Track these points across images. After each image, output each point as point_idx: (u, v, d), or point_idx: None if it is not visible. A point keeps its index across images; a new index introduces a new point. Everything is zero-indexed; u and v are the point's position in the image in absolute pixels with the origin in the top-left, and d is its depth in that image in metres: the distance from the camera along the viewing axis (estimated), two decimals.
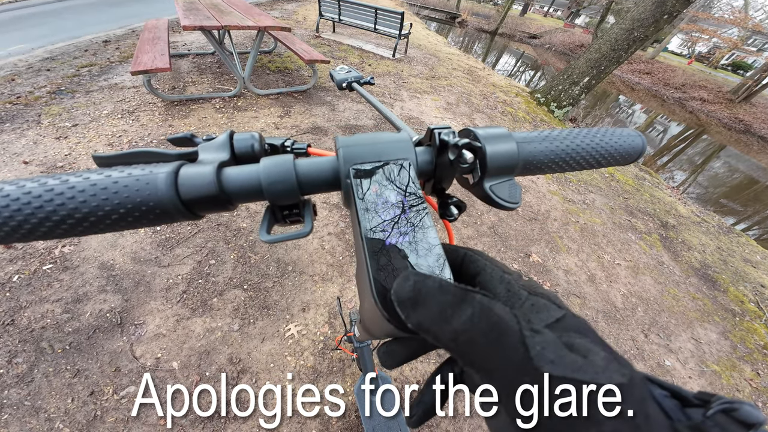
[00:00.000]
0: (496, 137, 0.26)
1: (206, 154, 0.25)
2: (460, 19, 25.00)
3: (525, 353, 0.12)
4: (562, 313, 0.15)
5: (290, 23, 6.37)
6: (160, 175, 0.20)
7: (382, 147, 0.24)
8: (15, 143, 2.21)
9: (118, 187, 0.19)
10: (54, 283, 1.53)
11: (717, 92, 15.93)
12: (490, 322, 0.13)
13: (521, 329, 0.13)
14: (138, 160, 0.27)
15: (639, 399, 0.12)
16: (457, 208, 0.27)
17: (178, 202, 0.20)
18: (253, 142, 0.27)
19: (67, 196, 0.19)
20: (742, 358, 2.11)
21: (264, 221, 0.24)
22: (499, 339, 0.13)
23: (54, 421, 1.17)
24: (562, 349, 0.13)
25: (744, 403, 0.12)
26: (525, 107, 5.13)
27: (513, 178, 0.26)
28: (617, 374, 0.12)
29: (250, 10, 3.41)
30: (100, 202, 0.19)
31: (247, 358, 1.44)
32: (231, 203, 0.23)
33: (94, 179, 0.19)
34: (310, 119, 3.20)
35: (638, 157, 0.32)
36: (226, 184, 0.22)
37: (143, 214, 0.20)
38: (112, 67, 3.44)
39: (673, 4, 4.09)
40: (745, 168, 9.92)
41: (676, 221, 3.41)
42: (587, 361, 0.13)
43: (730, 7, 25.19)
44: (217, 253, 1.81)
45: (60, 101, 2.71)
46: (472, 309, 0.14)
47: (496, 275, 0.19)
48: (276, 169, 0.23)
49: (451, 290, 0.15)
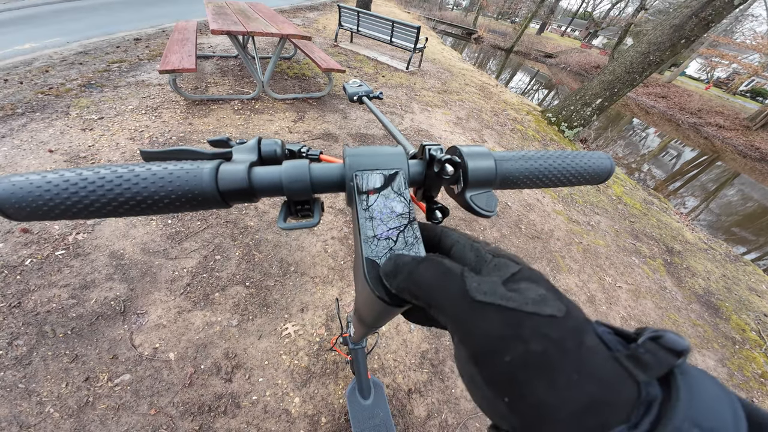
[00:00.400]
0: (478, 155, 0.30)
1: (239, 154, 0.31)
2: (476, 36, 25.35)
3: (462, 286, 0.16)
4: (518, 267, 0.18)
5: (310, 31, 6.58)
6: (205, 170, 0.25)
7: (381, 158, 0.29)
8: (43, 132, 2.33)
9: (173, 177, 0.24)
10: (64, 269, 1.58)
11: (734, 119, 15.73)
12: (440, 270, 0.18)
13: (462, 273, 0.17)
14: (180, 156, 0.32)
15: (573, 329, 0.14)
16: (441, 212, 0.32)
17: (216, 192, 0.25)
18: (276, 147, 0.33)
19: (132, 182, 0.23)
20: (739, 386, 2.07)
21: (281, 213, 0.29)
22: (445, 279, 0.17)
23: (45, 405, 1.18)
24: (497, 286, 0.16)
25: (667, 331, 0.13)
26: (535, 126, 5.16)
27: (491, 191, 0.31)
28: (551, 308, 0.14)
29: (274, 17, 3.56)
30: (157, 189, 0.24)
31: (243, 354, 1.47)
32: (256, 196, 0.28)
33: (154, 170, 0.24)
34: (322, 125, 3.28)
35: (607, 178, 0.36)
36: (255, 180, 0.27)
37: (189, 200, 0.25)
38: (141, 64, 3.60)
39: (692, 28, 4.08)
40: (759, 196, 9.69)
41: (682, 247, 3.36)
42: (518, 294, 0.15)
43: (753, 32, 24.96)
44: (223, 249, 1.86)
45: (89, 94, 2.85)
46: (427, 262, 0.19)
47: (467, 245, 0.22)
48: (294, 171, 0.27)
49: (419, 259, 0.20)
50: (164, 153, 0.31)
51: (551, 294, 0.16)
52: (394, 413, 1.42)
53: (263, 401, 1.36)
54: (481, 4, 31.31)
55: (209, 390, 1.34)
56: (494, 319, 0.14)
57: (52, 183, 0.22)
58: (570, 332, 0.14)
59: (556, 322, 0.14)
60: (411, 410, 1.45)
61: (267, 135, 2.90)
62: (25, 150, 2.14)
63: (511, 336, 0.14)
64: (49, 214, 0.23)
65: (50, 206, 0.22)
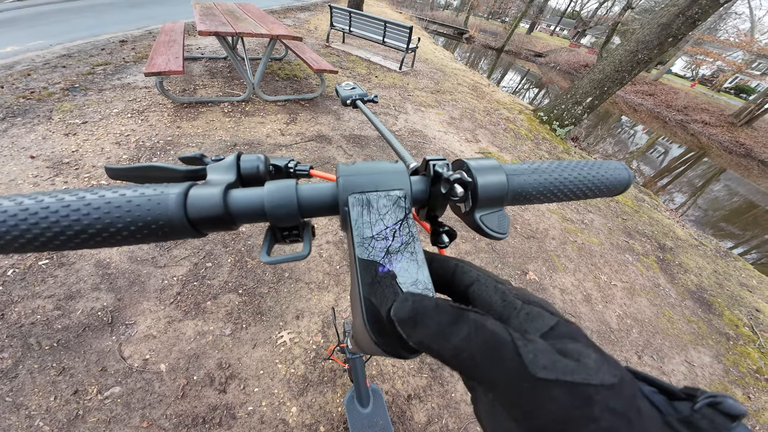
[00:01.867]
0: (487, 169, 0.27)
1: (214, 174, 0.27)
2: (467, 35, 25.52)
3: (520, 362, 0.13)
4: (555, 320, 0.16)
5: (302, 32, 6.52)
6: (171, 196, 0.22)
7: (380, 177, 0.25)
8: (24, 137, 2.25)
9: (131, 205, 0.21)
10: (48, 279, 1.53)
11: (719, 115, 16.11)
12: (486, 336, 0.14)
13: (513, 340, 0.14)
14: (149, 173, 0.29)
15: (630, 396, 0.13)
16: (449, 236, 0.28)
17: (185, 221, 0.22)
18: (258, 163, 0.29)
19: (82, 213, 0.20)
20: (734, 382, 2.10)
21: (265, 243, 0.25)
22: (495, 352, 0.14)
23: (34, 419, 1.15)
24: (554, 355, 0.14)
25: (727, 397, 0.13)
26: (528, 125, 5.20)
27: (503, 209, 0.28)
28: (608, 375, 0.13)
29: (264, 17, 3.51)
30: (113, 219, 0.20)
31: (237, 364, 1.43)
32: (234, 223, 0.24)
33: (108, 197, 0.21)
34: (315, 127, 3.24)
35: (624, 190, 0.34)
36: (232, 205, 0.24)
37: (152, 231, 0.21)
38: (127, 66, 3.51)
39: (679, 27, 4.15)
40: (745, 192, 9.95)
41: (673, 243, 3.41)
42: (579, 364, 0.14)
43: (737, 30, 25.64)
44: (214, 256, 1.82)
45: (72, 98, 2.77)
46: (468, 326, 0.15)
47: (490, 285, 0.20)
48: (279, 194, 0.24)
49: (448, 309, 0.16)
50: (131, 170, 0.28)
51: (598, 354, 0.14)
52: (394, 420, 1.39)
53: (259, 412, 1.32)
54: (471, 4, 31.52)
55: (203, 401, 1.31)
56: (561, 397, 0.13)
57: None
58: (629, 400, 0.13)
59: (617, 392, 0.13)
60: (411, 416, 1.43)
61: (259, 138, 2.85)
62: (6, 156, 2.06)
63: (581, 416, 0.12)
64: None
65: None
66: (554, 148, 4.73)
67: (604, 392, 0.13)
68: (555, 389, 0.13)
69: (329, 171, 2.66)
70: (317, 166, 2.70)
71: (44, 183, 1.95)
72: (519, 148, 4.27)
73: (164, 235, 0.22)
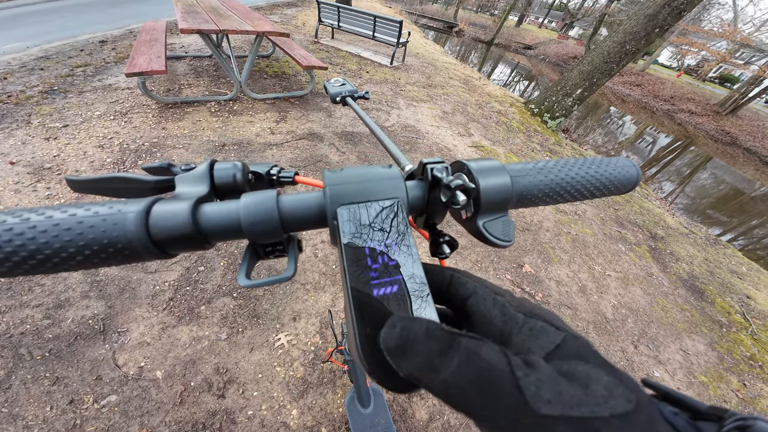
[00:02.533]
0: (490, 171, 0.25)
1: (183, 186, 0.24)
2: (457, 29, 25.44)
3: (520, 397, 0.12)
4: (561, 336, 0.15)
5: (289, 28, 6.41)
6: (129, 215, 0.19)
7: (372, 186, 0.23)
8: (2, 143, 2.16)
9: (83, 227, 0.18)
10: (35, 288, 1.49)
11: (704, 105, 16.42)
12: (479, 368, 0.13)
13: (512, 371, 0.13)
14: (115, 185, 0.26)
15: (647, 422, 0.12)
16: (450, 247, 0.26)
17: (148, 242, 0.19)
18: (235, 171, 0.26)
19: (27, 237, 0.18)
20: (729, 369, 2.14)
21: (244, 262, 0.23)
22: (490, 386, 0.12)
23: (32, 429, 1.14)
24: (559, 384, 0.12)
25: (758, 419, 0.12)
26: (519, 117, 5.21)
27: (507, 214, 0.25)
28: (622, 401, 0.12)
29: (249, 14, 3.42)
30: (63, 243, 0.18)
31: (235, 368, 1.41)
32: (208, 242, 0.22)
33: (57, 218, 0.18)
34: (306, 125, 3.20)
35: (633, 188, 0.32)
36: (203, 222, 0.21)
37: (110, 255, 0.19)
38: (107, 67, 3.40)
39: (665, 17, 4.19)
40: (731, 179, 10.19)
41: (664, 232, 3.47)
42: (587, 393, 0.12)
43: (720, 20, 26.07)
44: (206, 260, 1.78)
45: (52, 101, 2.67)
46: (459, 357, 0.13)
47: (488, 298, 0.18)
48: (257, 208, 0.22)
49: (438, 335, 0.14)
50: (95, 182, 0.25)
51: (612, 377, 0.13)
52: (395, 418, 1.39)
53: (260, 415, 1.31)
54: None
55: (202, 407, 1.29)
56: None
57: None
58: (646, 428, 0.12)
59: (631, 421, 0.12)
60: (412, 414, 1.43)
61: (248, 137, 2.80)
62: None
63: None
64: None
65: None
66: (546, 140, 4.76)
67: (616, 423, 0.11)
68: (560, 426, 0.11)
69: (321, 170, 2.62)
70: (309, 165, 2.66)
71: (26, 189, 1.88)
72: (511, 141, 4.28)
73: (124, 259, 0.20)
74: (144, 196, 0.23)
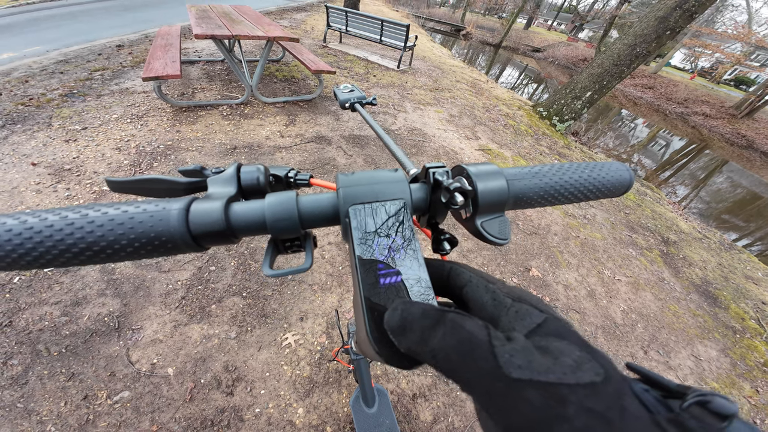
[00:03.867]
0: (487, 175, 0.27)
1: (215, 187, 0.27)
2: (464, 32, 25.43)
3: (494, 362, 0.14)
4: (543, 317, 0.17)
5: (298, 33, 6.51)
6: (172, 212, 0.22)
7: (380, 187, 0.25)
8: (25, 145, 2.25)
9: (134, 222, 0.21)
10: (54, 286, 1.54)
11: (719, 107, 16.02)
12: (461, 337, 0.15)
13: (490, 341, 0.14)
14: (150, 186, 0.28)
15: (613, 395, 0.13)
16: (450, 244, 0.28)
17: (188, 236, 0.22)
18: (258, 174, 0.29)
19: (86, 230, 0.20)
20: (742, 375, 2.09)
21: (267, 255, 0.25)
22: (470, 352, 0.14)
23: (46, 424, 1.17)
24: (532, 354, 0.14)
25: (716, 395, 0.13)
26: (527, 120, 5.18)
27: (503, 214, 0.27)
28: (590, 373, 0.13)
29: (260, 19, 3.50)
30: (116, 236, 0.21)
31: (243, 367, 1.44)
32: (236, 237, 0.24)
33: (111, 214, 0.21)
34: (314, 128, 3.24)
35: (626, 191, 0.33)
36: (233, 220, 0.23)
37: (155, 247, 0.21)
38: (124, 71, 3.51)
39: (676, 20, 4.12)
40: (747, 183, 9.90)
41: (677, 237, 3.40)
42: (556, 363, 0.14)
43: (734, 22, 25.46)
44: (217, 260, 1.82)
45: (71, 104, 2.77)
46: (444, 328, 0.15)
47: (481, 286, 0.20)
48: (280, 207, 0.24)
49: (431, 314, 0.16)
50: (132, 183, 0.27)
51: (585, 352, 0.14)
52: (399, 419, 1.40)
53: (266, 413, 1.33)
54: (468, 1, 31.39)
55: (211, 404, 1.32)
56: (534, 397, 0.13)
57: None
58: (612, 399, 0.13)
59: (598, 391, 0.13)
60: (417, 415, 1.43)
61: (258, 140, 2.85)
62: (7, 164, 2.07)
63: (554, 415, 0.12)
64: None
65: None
66: (555, 143, 4.72)
67: (581, 392, 0.13)
68: (528, 389, 0.13)
69: (329, 172, 2.65)
70: (317, 167, 2.70)
71: (46, 190, 1.96)
72: (519, 144, 4.26)
73: (166, 251, 0.22)
74: (175, 196, 0.26)
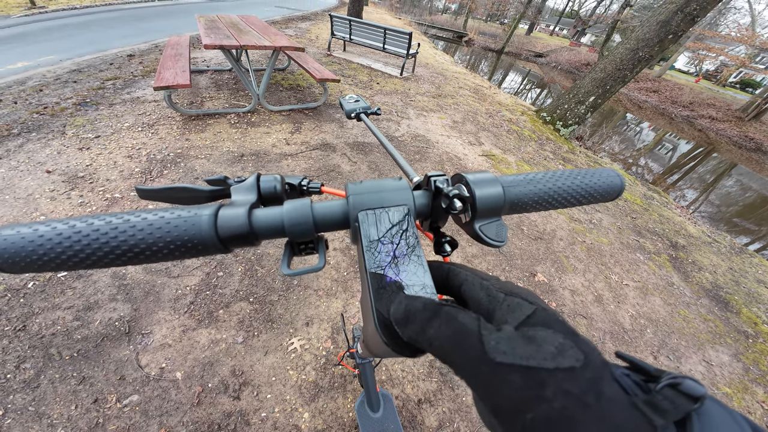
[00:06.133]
0: (485, 182, 0.29)
1: (238, 195, 0.30)
2: (467, 38, 25.67)
3: (481, 348, 0.15)
4: (532, 309, 0.18)
5: (303, 41, 6.65)
6: (203, 217, 0.24)
7: (386, 195, 0.28)
8: (40, 152, 2.32)
9: (170, 226, 0.23)
10: (67, 291, 1.57)
11: (726, 110, 15.88)
12: (454, 327, 0.17)
13: (479, 331, 0.16)
14: (176, 194, 0.31)
15: (592, 379, 0.14)
16: (451, 246, 0.31)
17: (216, 239, 0.24)
18: (275, 183, 0.32)
19: (129, 234, 0.23)
20: (755, 381, 2.04)
21: (285, 256, 0.28)
22: (461, 340, 0.16)
23: (56, 427, 1.18)
24: (516, 342, 0.15)
25: (686, 378, 0.14)
26: (531, 126, 5.19)
27: (500, 219, 0.30)
28: (570, 359, 0.14)
29: (266, 29, 3.59)
30: (155, 239, 0.23)
31: (250, 371, 1.45)
32: (258, 239, 0.27)
33: (150, 219, 0.23)
34: (319, 135, 3.29)
35: (617, 195, 0.36)
36: (255, 224, 0.26)
37: (188, 249, 0.24)
38: (135, 81, 3.61)
39: (678, 23, 4.14)
40: (758, 186, 9.74)
41: (686, 241, 3.36)
42: (539, 350, 0.15)
43: (737, 24, 25.32)
44: (225, 266, 1.85)
45: (84, 113, 2.85)
46: (440, 319, 0.18)
47: (476, 283, 0.22)
48: (296, 213, 0.27)
49: (430, 307, 0.19)
50: (160, 191, 0.30)
51: (568, 340, 0.16)
52: (404, 424, 1.39)
53: (272, 418, 1.33)
54: (469, 7, 31.73)
55: (218, 408, 1.32)
56: (516, 380, 0.14)
57: (45, 237, 0.21)
58: (589, 384, 0.14)
59: (576, 375, 0.14)
60: (422, 421, 1.43)
61: (265, 148, 2.90)
62: (23, 171, 2.14)
63: (534, 396, 0.14)
64: (45, 267, 0.22)
65: (45, 260, 0.21)
66: (559, 148, 4.72)
67: (560, 375, 0.14)
68: (511, 373, 0.14)
69: (334, 179, 2.69)
70: (323, 174, 2.74)
71: (60, 197, 2.01)
72: (523, 149, 4.26)
73: (197, 252, 0.25)
74: (199, 203, 0.29)
